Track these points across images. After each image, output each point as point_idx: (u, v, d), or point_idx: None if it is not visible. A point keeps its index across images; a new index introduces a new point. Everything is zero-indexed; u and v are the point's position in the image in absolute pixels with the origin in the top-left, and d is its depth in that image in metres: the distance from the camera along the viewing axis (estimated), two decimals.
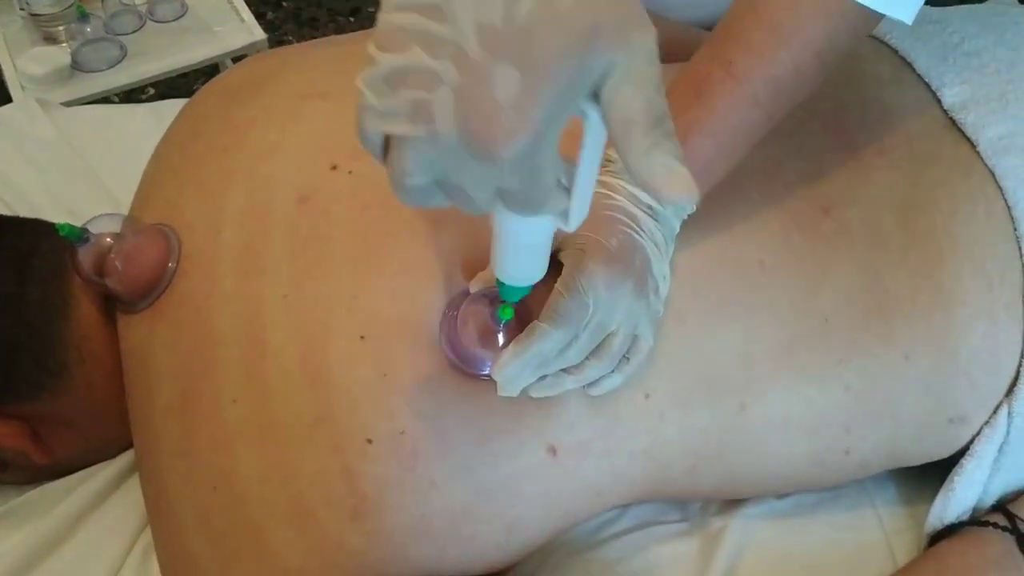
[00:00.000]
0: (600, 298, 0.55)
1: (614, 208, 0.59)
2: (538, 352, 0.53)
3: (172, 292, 0.65)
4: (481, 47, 0.36)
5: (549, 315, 0.54)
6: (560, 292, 0.55)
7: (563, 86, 0.37)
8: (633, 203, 0.60)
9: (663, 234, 0.61)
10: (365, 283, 0.62)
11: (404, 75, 0.37)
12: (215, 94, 0.79)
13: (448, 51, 0.36)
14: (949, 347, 0.67)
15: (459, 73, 0.36)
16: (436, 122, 0.37)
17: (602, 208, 0.59)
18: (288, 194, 0.65)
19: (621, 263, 0.57)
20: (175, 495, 0.61)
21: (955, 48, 0.76)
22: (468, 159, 0.37)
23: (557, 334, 0.53)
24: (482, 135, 0.36)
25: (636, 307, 0.57)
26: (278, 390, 0.60)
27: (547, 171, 0.39)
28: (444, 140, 0.37)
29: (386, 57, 0.37)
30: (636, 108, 0.38)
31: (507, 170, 0.37)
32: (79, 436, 0.73)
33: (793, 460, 0.68)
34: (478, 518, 0.60)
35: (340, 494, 0.58)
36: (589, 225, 0.56)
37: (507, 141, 0.36)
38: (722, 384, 0.65)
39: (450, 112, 0.36)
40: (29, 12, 1.49)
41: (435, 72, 0.36)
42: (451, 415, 0.59)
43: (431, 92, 0.36)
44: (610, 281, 0.56)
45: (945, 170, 0.71)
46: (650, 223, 0.60)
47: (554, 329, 0.53)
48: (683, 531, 0.75)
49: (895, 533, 0.75)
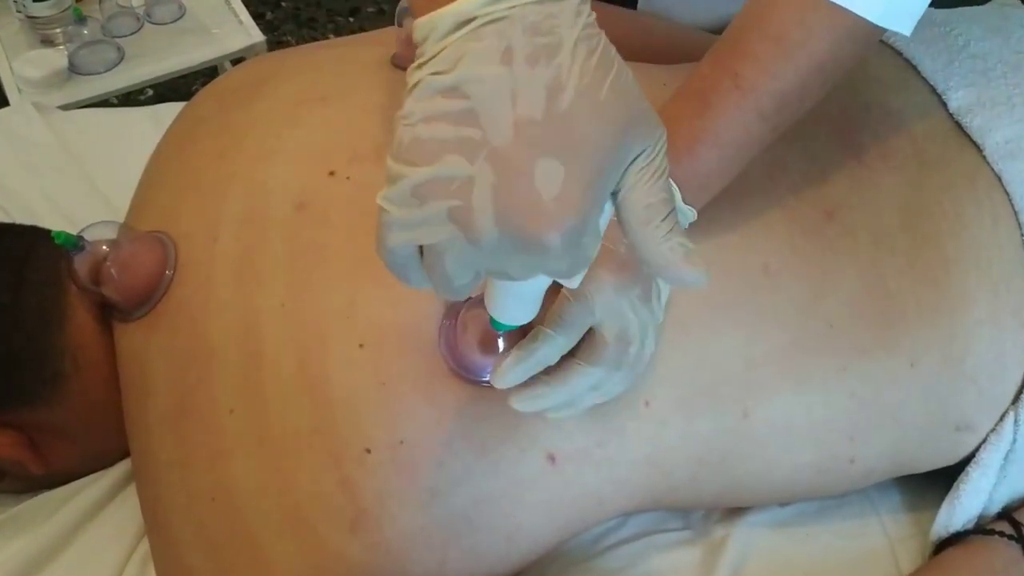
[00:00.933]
0: (609, 305, 0.54)
1: None
2: (542, 358, 0.53)
3: (168, 300, 0.65)
4: (519, 143, 0.37)
5: (555, 320, 0.53)
6: (567, 297, 0.54)
7: (606, 173, 0.38)
8: None
9: None
10: (364, 291, 0.61)
11: (439, 185, 0.37)
12: (212, 98, 0.78)
13: (483, 153, 0.37)
14: (955, 354, 0.67)
15: (496, 172, 0.37)
16: (477, 225, 0.37)
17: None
18: (285, 201, 0.65)
19: (629, 270, 0.56)
20: (172, 506, 0.61)
21: (960, 51, 0.75)
22: (513, 253, 0.38)
23: (560, 340, 0.53)
24: (528, 229, 0.37)
25: (643, 314, 0.57)
26: (275, 400, 0.59)
27: (591, 249, 0.41)
28: (488, 241, 0.38)
29: (416, 170, 0.38)
30: (658, 196, 0.40)
31: (554, 257, 0.38)
32: (76, 445, 0.72)
33: (797, 468, 0.68)
34: (479, 528, 0.60)
35: (339, 505, 0.57)
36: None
37: (555, 231, 0.37)
38: (724, 391, 0.64)
39: (490, 213, 0.37)
40: (26, 15, 1.48)
41: (471, 177, 0.37)
42: (451, 423, 0.59)
43: (467, 195, 0.37)
44: (620, 287, 0.55)
45: (950, 174, 0.70)
46: None
47: (559, 335, 0.53)
48: (685, 539, 0.74)
49: (899, 541, 0.74)
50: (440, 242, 0.39)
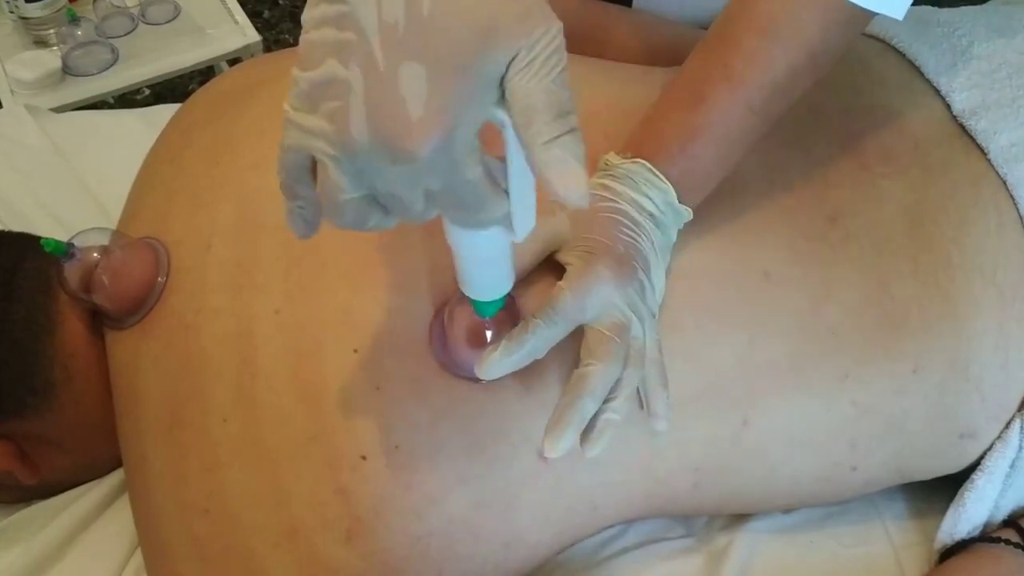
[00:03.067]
0: (603, 299, 0.54)
1: (618, 212, 0.58)
2: (531, 350, 0.52)
3: (161, 308, 0.64)
4: (385, 48, 0.36)
5: (546, 311, 0.53)
6: (563, 289, 0.54)
7: (469, 79, 0.37)
8: (636, 209, 0.58)
9: (662, 243, 0.60)
10: (359, 296, 0.60)
11: (323, 90, 0.37)
12: (206, 102, 0.77)
13: (358, 58, 0.36)
14: (959, 361, 0.66)
15: (366, 77, 0.36)
16: (351, 130, 0.36)
17: (606, 211, 0.58)
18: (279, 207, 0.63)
19: (628, 267, 0.56)
20: (165, 518, 0.60)
21: (964, 52, 0.74)
22: (388, 164, 0.37)
23: (550, 331, 0.52)
24: (393, 135, 0.36)
25: (640, 309, 0.56)
26: (270, 408, 0.58)
27: (468, 168, 0.39)
28: (361, 147, 0.37)
29: (305, 75, 0.38)
30: (536, 98, 0.37)
31: (425, 169, 0.37)
32: (67, 455, 0.72)
33: (798, 476, 0.67)
34: (476, 535, 0.59)
35: (334, 515, 0.56)
36: (596, 228, 0.57)
37: (419, 138, 0.36)
38: (723, 398, 0.63)
39: (362, 117, 0.37)
40: (19, 16, 1.47)
41: (347, 81, 0.36)
42: (445, 424, 0.58)
43: (344, 100, 0.36)
44: (617, 282, 0.54)
45: (955, 178, 0.69)
46: (652, 230, 0.59)
47: (548, 326, 0.52)
48: (688, 547, 0.74)
49: (904, 548, 0.73)
50: (324, 150, 0.38)
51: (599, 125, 0.67)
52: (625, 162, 0.60)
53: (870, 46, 0.77)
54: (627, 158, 0.60)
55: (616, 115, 0.69)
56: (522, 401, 0.59)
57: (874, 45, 0.78)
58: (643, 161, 0.59)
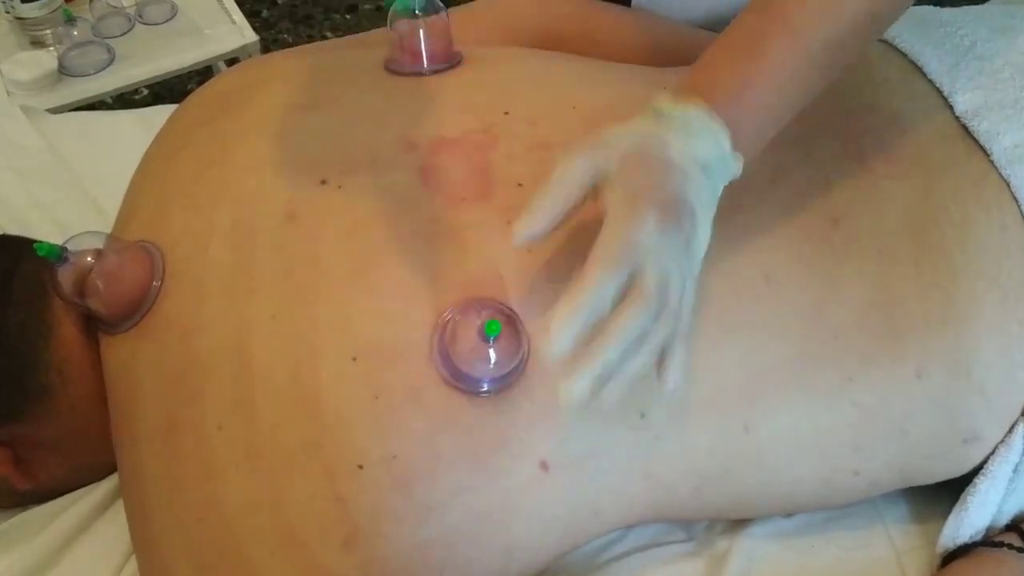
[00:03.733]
0: (652, 245, 0.51)
1: (667, 160, 0.55)
2: (593, 303, 0.49)
3: (156, 312, 0.63)
4: None
5: (599, 259, 0.50)
6: (613, 232, 0.51)
7: None
8: (686, 158, 0.55)
9: (709, 195, 0.56)
10: (357, 303, 0.60)
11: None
12: (202, 103, 0.77)
13: None
14: (963, 363, 0.65)
15: None
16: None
17: (656, 156, 0.55)
18: (276, 211, 0.63)
19: (674, 211, 0.53)
20: (161, 525, 0.59)
21: (966, 52, 0.73)
22: None
23: (609, 279, 0.49)
24: None
25: (683, 262, 0.53)
26: (266, 415, 0.58)
27: None
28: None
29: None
30: None
31: None
32: (63, 460, 0.71)
33: (801, 481, 0.66)
34: (475, 543, 0.58)
35: (332, 522, 0.56)
36: (642, 172, 0.54)
37: None
38: (725, 404, 0.63)
39: None
40: (15, 16, 1.46)
41: None
42: (444, 435, 0.57)
43: None
44: (664, 227, 0.52)
45: (957, 179, 0.68)
46: (700, 179, 0.55)
47: (606, 274, 0.49)
48: (688, 551, 0.73)
49: (906, 552, 0.73)
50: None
51: (599, 125, 0.67)
52: (679, 106, 0.57)
53: (872, 46, 0.76)
54: (680, 101, 0.57)
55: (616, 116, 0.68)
56: (523, 410, 0.58)
57: (876, 46, 0.77)
58: (699, 103, 0.56)
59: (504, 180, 0.64)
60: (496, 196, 0.63)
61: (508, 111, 0.68)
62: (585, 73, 0.76)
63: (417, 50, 0.72)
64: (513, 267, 0.61)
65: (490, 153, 0.65)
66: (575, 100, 0.70)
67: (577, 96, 0.71)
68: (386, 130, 0.67)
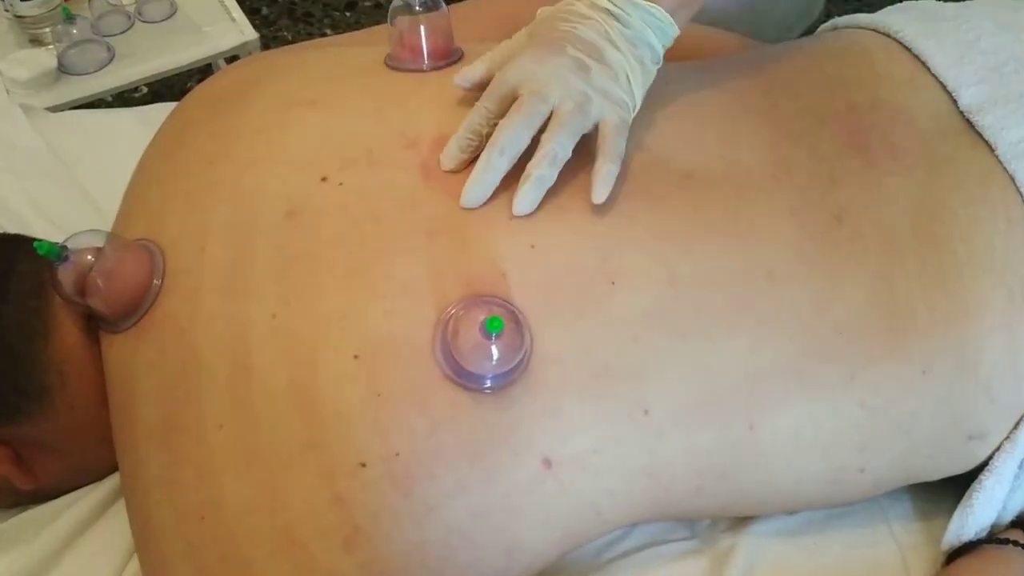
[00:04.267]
0: (527, 72, 0.62)
1: (567, 11, 0.66)
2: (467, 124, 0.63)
3: (156, 311, 0.63)
4: None
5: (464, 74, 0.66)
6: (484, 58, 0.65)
7: None
8: (587, 5, 0.65)
9: (626, 34, 0.65)
10: (357, 301, 0.59)
11: None
12: (201, 101, 0.76)
13: None
14: (968, 361, 0.65)
15: None
16: None
17: (557, 13, 0.66)
18: (275, 208, 0.63)
19: (555, 45, 0.63)
20: (161, 526, 0.59)
21: (971, 46, 0.73)
22: None
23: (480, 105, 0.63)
24: None
25: (576, 82, 0.62)
26: (265, 414, 0.57)
27: None
28: None
29: None
30: None
31: None
32: (64, 459, 0.71)
33: (805, 480, 0.66)
34: (476, 542, 0.58)
35: (332, 523, 0.55)
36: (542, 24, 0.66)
37: None
38: (728, 402, 0.62)
39: None
40: (13, 14, 1.45)
41: None
42: (445, 432, 0.57)
43: None
44: (540, 56, 0.63)
45: (962, 175, 0.68)
46: (604, 20, 0.65)
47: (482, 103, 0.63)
48: (692, 549, 0.73)
49: (910, 550, 0.73)
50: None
51: None
52: None
53: (875, 40, 0.76)
54: None
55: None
56: (524, 408, 0.58)
57: (879, 40, 0.76)
58: None
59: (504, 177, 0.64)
60: (497, 193, 0.63)
61: None
62: None
63: (417, 47, 0.71)
64: (515, 264, 0.60)
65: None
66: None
67: None
68: (386, 127, 0.67)
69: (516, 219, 0.61)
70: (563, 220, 0.62)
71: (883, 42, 0.76)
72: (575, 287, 0.61)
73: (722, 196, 0.65)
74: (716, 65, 0.78)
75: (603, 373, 0.60)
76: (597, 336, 0.60)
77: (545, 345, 0.59)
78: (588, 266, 0.61)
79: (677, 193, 0.65)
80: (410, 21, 0.71)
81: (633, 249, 0.62)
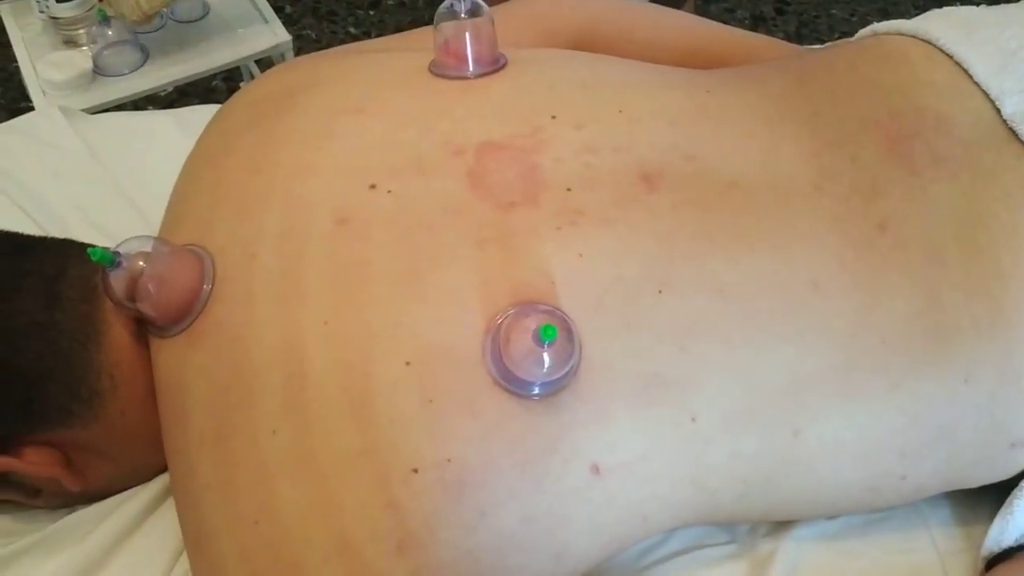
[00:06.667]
0: None
1: None
2: None
3: (207, 317, 0.63)
4: None
5: None
6: None
7: None
8: None
9: None
10: (408, 309, 0.60)
11: None
12: (244, 107, 0.77)
13: None
14: (1011, 370, 0.65)
15: None
16: None
17: None
18: (325, 216, 0.64)
19: None
20: (214, 530, 0.60)
21: (1013, 55, 0.72)
22: None
23: None
24: None
25: None
26: (319, 420, 0.58)
27: None
28: None
29: None
30: None
31: None
32: (113, 462, 0.72)
33: (847, 486, 0.66)
34: (525, 548, 0.58)
35: (385, 528, 0.56)
36: None
37: None
38: (773, 410, 0.63)
39: None
40: (49, 16, 1.46)
41: None
42: (495, 438, 0.58)
43: None
44: None
45: (1006, 183, 0.68)
46: None
47: None
48: (732, 554, 0.73)
49: (950, 555, 0.73)
50: None
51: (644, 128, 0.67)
52: None
53: (916, 48, 0.76)
54: None
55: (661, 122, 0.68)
56: (573, 415, 0.59)
57: (920, 47, 0.76)
58: None
59: (552, 184, 0.64)
60: (545, 201, 0.63)
61: (555, 115, 0.68)
62: (630, 75, 0.76)
63: (462, 53, 0.72)
64: (564, 273, 0.61)
65: (537, 157, 0.65)
66: (621, 103, 0.70)
67: (623, 99, 0.71)
68: (433, 134, 0.67)
69: (563, 229, 0.62)
70: (610, 230, 0.63)
71: (924, 49, 0.76)
72: (623, 296, 0.61)
73: (766, 205, 0.65)
74: (756, 72, 0.78)
75: (651, 381, 0.60)
76: (645, 344, 0.61)
77: (593, 353, 0.59)
78: (635, 275, 0.62)
79: (722, 202, 0.65)
80: (455, 27, 0.71)
81: (680, 259, 0.63)
